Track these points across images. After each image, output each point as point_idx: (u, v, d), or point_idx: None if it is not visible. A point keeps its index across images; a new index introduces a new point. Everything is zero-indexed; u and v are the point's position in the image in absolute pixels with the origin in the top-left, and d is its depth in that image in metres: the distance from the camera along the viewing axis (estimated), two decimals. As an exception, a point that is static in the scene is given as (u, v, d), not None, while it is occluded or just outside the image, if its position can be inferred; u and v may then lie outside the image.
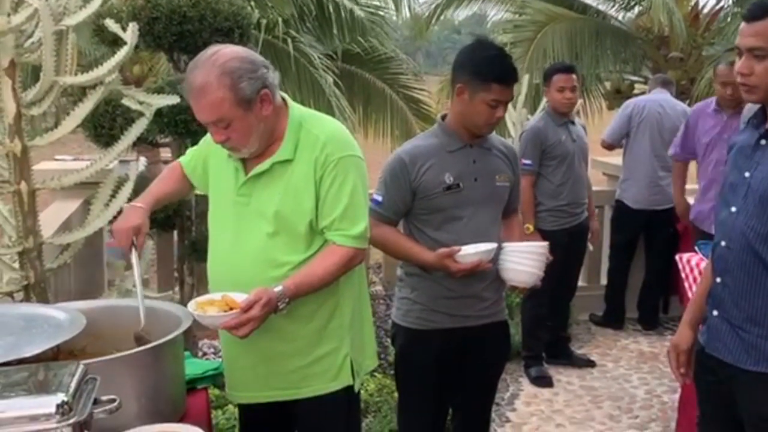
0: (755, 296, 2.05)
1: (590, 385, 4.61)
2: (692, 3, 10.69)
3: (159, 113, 3.24)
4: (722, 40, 10.67)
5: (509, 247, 2.70)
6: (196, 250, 4.30)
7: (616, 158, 5.78)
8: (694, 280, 3.81)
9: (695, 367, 2.29)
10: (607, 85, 11.16)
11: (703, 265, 3.74)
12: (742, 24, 2.01)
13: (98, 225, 2.52)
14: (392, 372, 3.94)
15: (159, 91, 3.83)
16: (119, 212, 2.41)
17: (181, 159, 2.45)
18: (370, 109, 9.88)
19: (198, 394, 2.28)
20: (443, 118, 2.75)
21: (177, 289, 4.51)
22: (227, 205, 2.25)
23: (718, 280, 2.16)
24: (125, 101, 2.50)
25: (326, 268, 2.15)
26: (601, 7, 11.05)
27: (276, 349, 2.23)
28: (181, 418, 2.05)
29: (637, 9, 10.89)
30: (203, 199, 4.07)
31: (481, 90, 2.57)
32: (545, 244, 2.74)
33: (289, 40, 7.17)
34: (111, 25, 2.40)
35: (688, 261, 3.87)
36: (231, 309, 2.06)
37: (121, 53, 2.31)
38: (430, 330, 2.72)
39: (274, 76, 2.13)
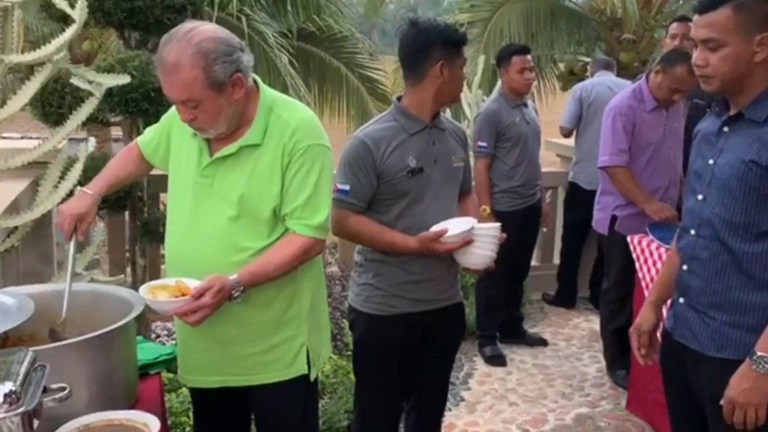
0: (721, 283, 2.08)
1: (543, 364, 4.68)
2: (644, -15, 10.80)
3: (109, 92, 3.18)
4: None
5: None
6: (149, 231, 4.24)
7: (568, 140, 5.84)
8: (645, 261, 3.89)
9: (662, 350, 2.33)
10: (561, 66, 11.25)
11: (654, 246, 3.82)
12: (695, 16, 2.03)
13: (47, 207, 2.47)
14: (348, 353, 3.96)
15: (109, 69, 3.76)
16: (70, 193, 2.36)
17: (139, 139, 2.39)
18: (325, 89, 9.81)
19: (151, 379, 2.24)
20: (399, 99, 2.74)
21: (129, 270, 4.44)
22: (188, 185, 2.20)
23: (685, 267, 2.18)
24: (74, 80, 2.44)
25: (284, 257, 2.13)
26: (556, -12, 11.10)
27: (230, 335, 2.21)
28: (134, 404, 2.03)
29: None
30: (155, 180, 4.02)
31: (456, 58, 2.63)
32: (497, 225, 2.73)
33: (243, 18, 7.06)
34: (59, 1, 2.33)
35: (639, 242, 3.94)
36: (183, 295, 2.03)
37: (69, 31, 2.25)
38: (391, 316, 2.71)
39: (248, 59, 2.09)
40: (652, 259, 3.84)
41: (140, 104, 3.78)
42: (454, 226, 2.60)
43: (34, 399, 1.51)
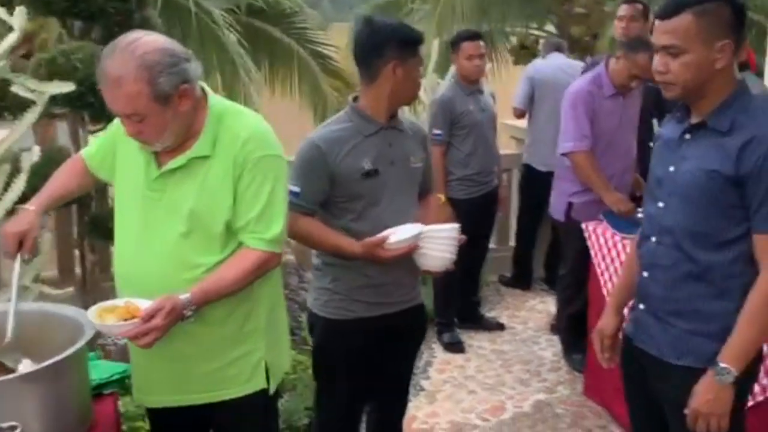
0: (682, 291, 2.08)
1: (500, 349, 4.71)
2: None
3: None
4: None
5: (422, 232, 2.67)
6: (97, 226, 4.12)
7: (521, 121, 5.84)
8: (600, 248, 3.92)
9: (623, 353, 2.34)
10: (513, 40, 11.25)
11: (609, 233, 3.85)
12: (656, 22, 2.01)
13: (-10, 221, 2.36)
14: (306, 348, 3.92)
15: (51, 61, 3.62)
16: (14, 206, 2.26)
17: (84, 151, 2.30)
18: (276, 66, 9.68)
19: (105, 400, 2.19)
20: (355, 99, 2.69)
21: (78, 269, 4.33)
22: (135, 200, 2.12)
23: (645, 274, 2.18)
24: (15, 89, 2.32)
25: (237, 273, 2.07)
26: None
27: (185, 352, 2.14)
28: (89, 430, 1.97)
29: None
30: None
31: (410, 57, 2.56)
32: (456, 226, 2.70)
33: (190, -4, 6.88)
34: (-2, 11, 2.21)
35: (594, 229, 3.97)
36: (134, 317, 1.97)
37: (9, 40, 2.13)
38: (350, 320, 2.67)
39: (196, 67, 2.01)
40: (606, 246, 3.87)
41: (85, 97, 3.65)
42: (401, 232, 2.57)
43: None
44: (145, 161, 2.11)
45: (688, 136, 2.08)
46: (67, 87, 2.42)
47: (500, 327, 4.99)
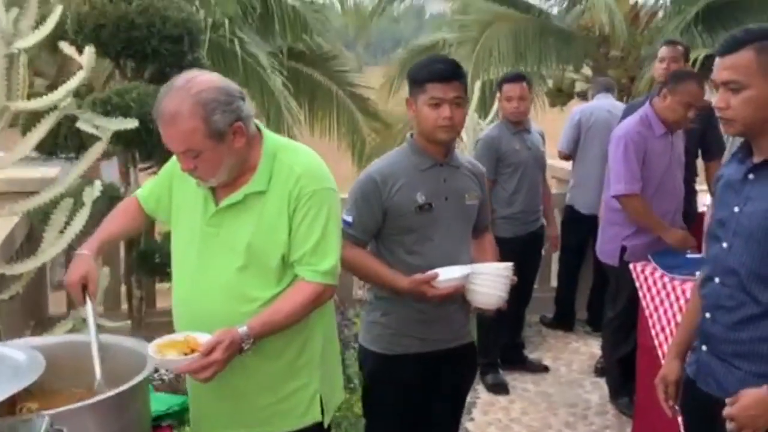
0: (746, 333, 2.04)
1: (545, 391, 4.65)
2: (632, 2, 10.89)
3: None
4: (661, 38, 10.91)
5: (475, 269, 2.67)
6: (145, 261, 4.18)
7: (564, 162, 5.82)
8: (648, 289, 3.86)
9: (684, 397, 2.29)
10: (549, 83, 11.31)
11: (657, 274, 3.80)
12: (717, 58, 2.01)
13: (53, 253, 2.41)
14: (350, 386, 3.91)
15: (107, 101, 3.71)
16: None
17: (138, 193, 2.34)
18: (316, 106, 9.82)
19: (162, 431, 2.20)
20: (412, 135, 2.72)
21: (125, 306, 4.37)
22: (194, 236, 2.16)
23: (708, 315, 2.14)
24: (80, 124, 2.39)
25: (294, 306, 2.08)
26: (543, 7, 11.18)
27: (241, 386, 2.15)
28: (147, 460, 1.98)
29: (578, 8, 11.05)
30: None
31: (420, 94, 2.58)
32: (510, 265, 2.71)
33: (236, 40, 7.02)
34: (65, 47, 2.28)
35: (642, 270, 3.91)
36: (193, 351, 1.98)
37: (77, 79, 2.20)
38: (400, 355, 2.67)
39: (249, 107, 2.07)
40: (655, 287, 3.81)
41: (138, 136, 3.73)
42: (450, 271, 2.57)
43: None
44: (203, 197, 2.15)
45: (751, 176, 2.05)
46: (131, 123, 2.48)
47: (545, 369, 4.93)
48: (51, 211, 2.54)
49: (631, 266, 4.00)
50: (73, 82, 2.20)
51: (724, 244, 2.10)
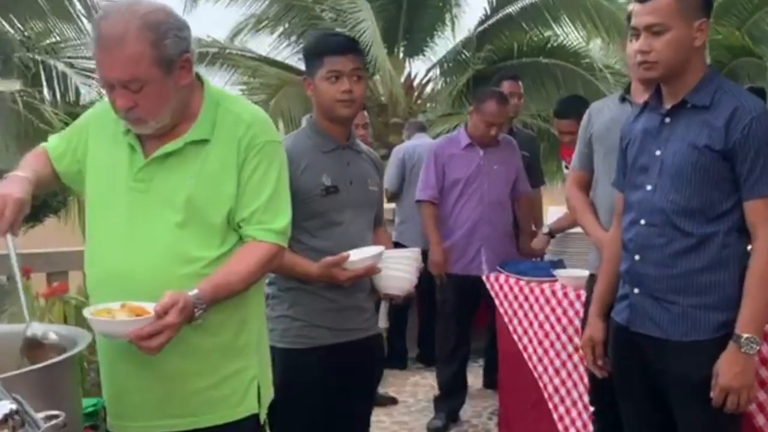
0: (679, 267, 2.12)
1: (401, 420, 4.60)
2: (405, 73, 11.63)
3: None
4: (434, 107, 11.72)
5: (385, 253, 2.59)
6: None
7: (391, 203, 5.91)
8: (504, 296, 3.98)
9: (615, 346, 2.33)
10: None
11: (512, 281, 3.92)
12: (636, 5, 2.14)
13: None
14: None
15: None
16: None
17: (48, 144, 2.03)
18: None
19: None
20: (311, 117, 2.62)
21: None
22: (118, 193, 1.89)
23: (637, 257, 2.20)
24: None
25: (248, 267, 1.88)
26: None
27: (175, 368, 1.88)
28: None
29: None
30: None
31: (317, 69, 2.49)
32: (417, 250, 2.69)
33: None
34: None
35: (497, 279, 4.03)
36: (138, 316, 1.72)
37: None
38: (311, 348, 2.51)
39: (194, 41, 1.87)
40: (512, 293, 3.92)
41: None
42: (360, 253, 2.48)
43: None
44: (127, 150, 1.90)
45: (668, 120, 2.19)
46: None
47: (393, 401, 4.88)
48: None
49: (483, 277, 4.11)
50: None
51: (648, 187, 2.19)
